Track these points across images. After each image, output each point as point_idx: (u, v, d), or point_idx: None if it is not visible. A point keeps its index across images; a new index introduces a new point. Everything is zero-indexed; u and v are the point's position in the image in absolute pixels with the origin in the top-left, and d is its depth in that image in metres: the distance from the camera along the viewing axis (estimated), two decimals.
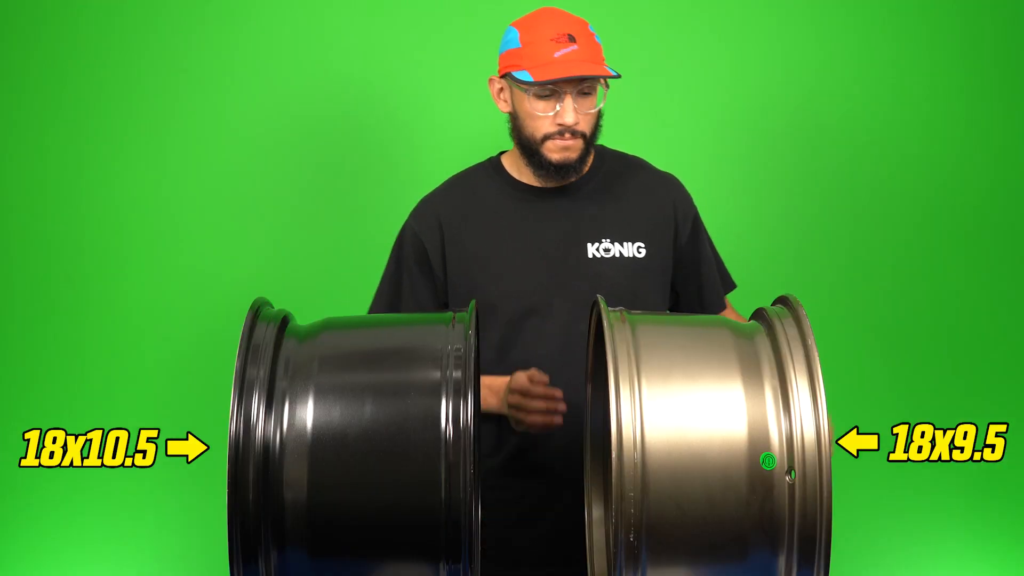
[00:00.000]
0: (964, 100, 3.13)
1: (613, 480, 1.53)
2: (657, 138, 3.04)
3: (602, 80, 2.14)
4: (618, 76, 2.11)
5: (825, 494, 1.56)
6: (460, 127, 3.09)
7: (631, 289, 2.18)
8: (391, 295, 2.28)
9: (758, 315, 1.78)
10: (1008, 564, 3.14)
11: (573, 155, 2.15)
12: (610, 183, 2.25)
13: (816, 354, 1.61)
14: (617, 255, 2.20)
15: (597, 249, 2.20)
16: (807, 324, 1.66)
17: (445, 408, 1.54)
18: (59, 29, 3.07)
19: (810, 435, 1.57)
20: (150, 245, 3.08)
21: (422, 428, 1.54)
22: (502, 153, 2.32)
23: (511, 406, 2.06)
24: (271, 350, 1.62)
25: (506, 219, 2.22)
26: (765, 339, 1.68)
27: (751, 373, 1.61)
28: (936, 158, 3.13)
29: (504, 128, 2.26)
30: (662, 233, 2.24)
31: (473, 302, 1.73)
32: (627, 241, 2.21)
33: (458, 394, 1.55)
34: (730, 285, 2.44)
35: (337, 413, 1.56)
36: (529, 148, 2.17)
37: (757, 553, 1.56)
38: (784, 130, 3.13)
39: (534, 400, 2.02)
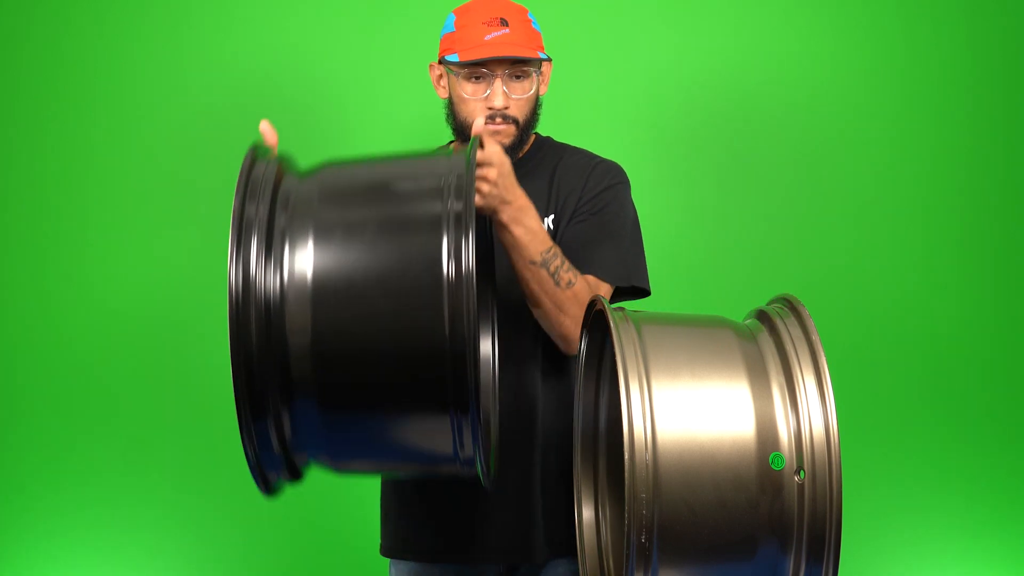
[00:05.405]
0: (965, 99, 3.13)
1: (626, 481, 1.53)
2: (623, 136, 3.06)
3: (538, 65, 2.09)
4: (547, 60, 2.09)
5: (835, 493, 1.56)
6: (397, 114, 3.10)
7: None
8: None
9: (758, 314, 1.78)
10: (1008, 564, 3.14)
11: (505, 140, 2.11)
12: (540, 167, 2.21)
13: (822, 351, 1.62)
14: None
15: None
16: (810, 322, 1.66)
17: (447, 242, 1.53)
18: (52, 25, 3.08)
19: (819, 433, 1.57)
20: (149, 245, 3.09)
21: (424, 263, 1.53)
22: (452, 143, 2.27)
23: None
24: (271, 187, 1.59)
25: None
26: (768, 338, 1.68)
27: (757, 371, 1.62)
28: (936, 158, 3.13)
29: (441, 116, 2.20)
30: (571, 204, 2.17)
31: (474, 138, 1.73)
32: (541, 216, 2.09)
33: (459, 226, 1.54)
34: (626, 278, 2.18)
35: (338, 251, 1.54)
36: (463, 133, 2.14)
37: (766, 553, 1.57)
38: (782, 130, 3.13)
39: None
